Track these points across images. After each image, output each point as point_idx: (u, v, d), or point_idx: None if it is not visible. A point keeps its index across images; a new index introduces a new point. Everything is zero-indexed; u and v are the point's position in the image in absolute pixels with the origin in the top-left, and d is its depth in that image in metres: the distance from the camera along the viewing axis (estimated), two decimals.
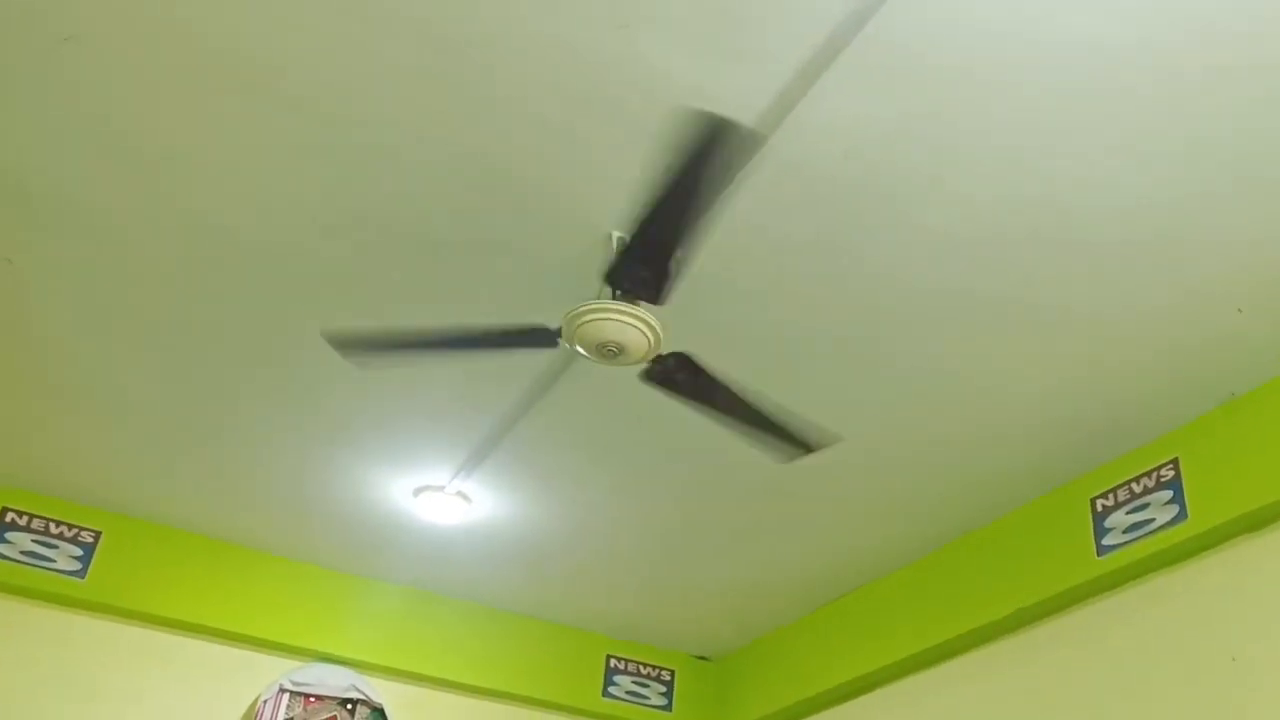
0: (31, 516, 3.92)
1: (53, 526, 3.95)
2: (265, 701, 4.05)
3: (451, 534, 4.01)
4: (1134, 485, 3.17)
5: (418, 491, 3.73)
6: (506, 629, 4.58)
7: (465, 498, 3.73)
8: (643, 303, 2.38)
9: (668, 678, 4.82)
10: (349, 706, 4.18)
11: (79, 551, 3.95)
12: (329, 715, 4.13)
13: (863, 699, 4.11)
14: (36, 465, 3.81)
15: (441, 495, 3.72)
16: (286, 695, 4.09)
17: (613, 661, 4.74)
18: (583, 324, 2.41)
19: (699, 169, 2.05)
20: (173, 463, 3.74)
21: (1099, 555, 3.21)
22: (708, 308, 2.76)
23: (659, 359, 2.54)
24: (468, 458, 3.52)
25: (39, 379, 3.33)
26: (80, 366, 3.26)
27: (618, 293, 2.40)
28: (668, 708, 4.76)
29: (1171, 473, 3.07)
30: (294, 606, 4.24)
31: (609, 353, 2.46)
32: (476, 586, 4.42)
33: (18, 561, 3.85)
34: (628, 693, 4.71)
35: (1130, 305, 2.67)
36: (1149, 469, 3.13)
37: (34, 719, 3.72)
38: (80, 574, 3.92)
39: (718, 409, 2.71)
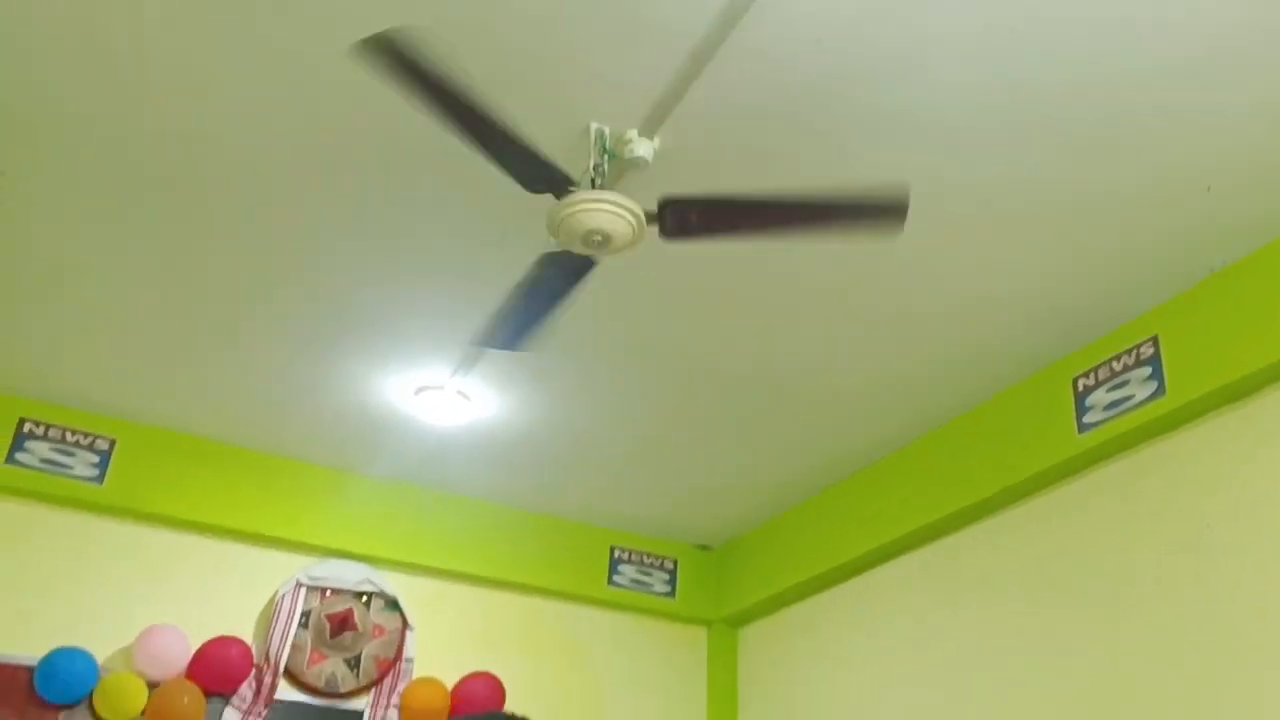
0: (48, 426, 4.05)
1: (69, 435, 4.07)
2: (283, 595, 4.22)
3: (454, 433, 4.12)
4: (1114, 364, 3.25)
5: (419, 391, 3.83)
6: (512, 524, 4.72)
7: (465, 396, 3.84)
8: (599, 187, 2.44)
9: (670, 566, 4.98)
10: (364, 598, 4.35)
11: (96, 458, 4.09)
12: (345, 607, 4.30)
13: (856, 579, 4.27)
14: (49, 377, 3.93)
15: (442, 394, 3.82)
16: (304, 589, 4.26)
17: (617, 552, 4.90)
18: (566, 217, 2.47)
19: None
20: (180, 370, 3.85)
21: (1080, 433, 3.30)
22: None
23: (658, 214, 2.50)
24: (465, 356, 3.60)
25: (45, 293, 3.42)
26: (83, 280, 3.34)
27: (597, 181, 2.45)
28: (671, 595, 4.93)
29: (1151, 350, 3.15)
30: (306, 506, 4.38)
31: (595, 242, 2.52)
32: (481, 484, 4.56)
33: (38, 469, 3.98)
34: (632, 581, 4.88)
35: (1104, 190, 2.73)
36: (1129, 347, 3.21)
37: (60, 621, 3.89)
38: (98, 480, 4.06)
39: (756, 226, 2.57)
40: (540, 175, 2.43)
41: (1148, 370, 3.13)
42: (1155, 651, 3.00)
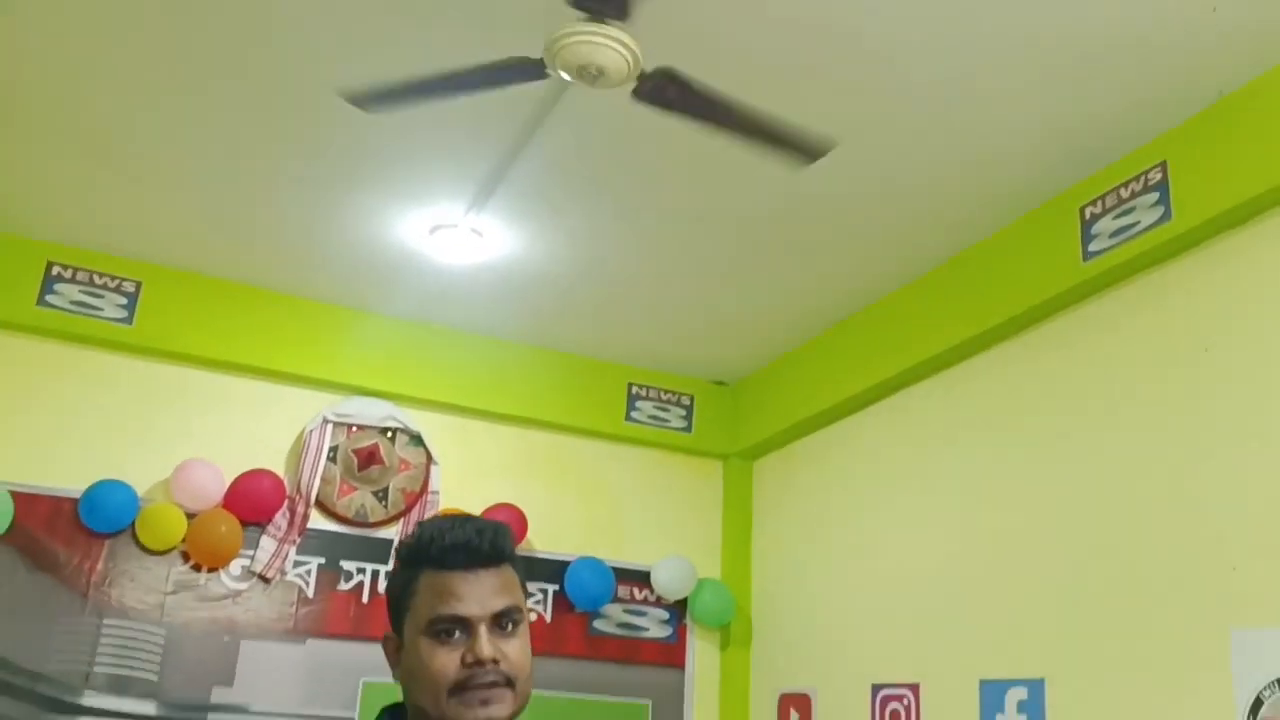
0: (75, 269, 4.15)
1: (96, 278, 4.18)
2: (311, 432, 4.38)
3: (470, 271, 4.19)
4: (1122, 191, 3.24)
5: (433, 230, 3.89)
6: (531, 361, 4.84)
7: (478, 234, 3.89)
8: (610, 21, 2.43)
9: (687, 402, 5.10)
10: (388, 434, 4.51)
11: (123, 300, 4.20)
12: (371, 442, 4.46)
13: (865, 411, 4.38)
14: (74, 222, 4.01)
15: (456, 232, 3.88)
16: (330, 425, 4.42)
17: (634, 389, 5.02)
18: (560, 50, 2.48)
19: None
20: (200, 214, 3.91)
21: (1085, 261, 3.33)
22: (682, 19, 2.74)
23: (645, 77, 2.62)
24: (478, 192, 3.64)
25: (69, 140, 3.46)
26: (104, 125, 3.38)
27: (583, 15, 2.45)
28: (688, 429, 5.07)
29: (1159, 175, 3.14)
30: (329, 345, 4.51)
31: (591, 75, 2.54)
32: (499, 322, 4.66)
33: (68, 311, 4.10)
34: (650, 417, 5.01)
35: (1113, 16, 2.68)
36: (1137, 174, 3.20)
37: (100, 456, 4.06)
38: (127, 320, 4.18)
39: (712, 121, 2.76)
40: None
41: (1155, 196, 3.13)
42: (1153, 472, 3.08)
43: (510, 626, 1.47)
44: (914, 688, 3.83)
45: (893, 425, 4.24)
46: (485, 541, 1.47)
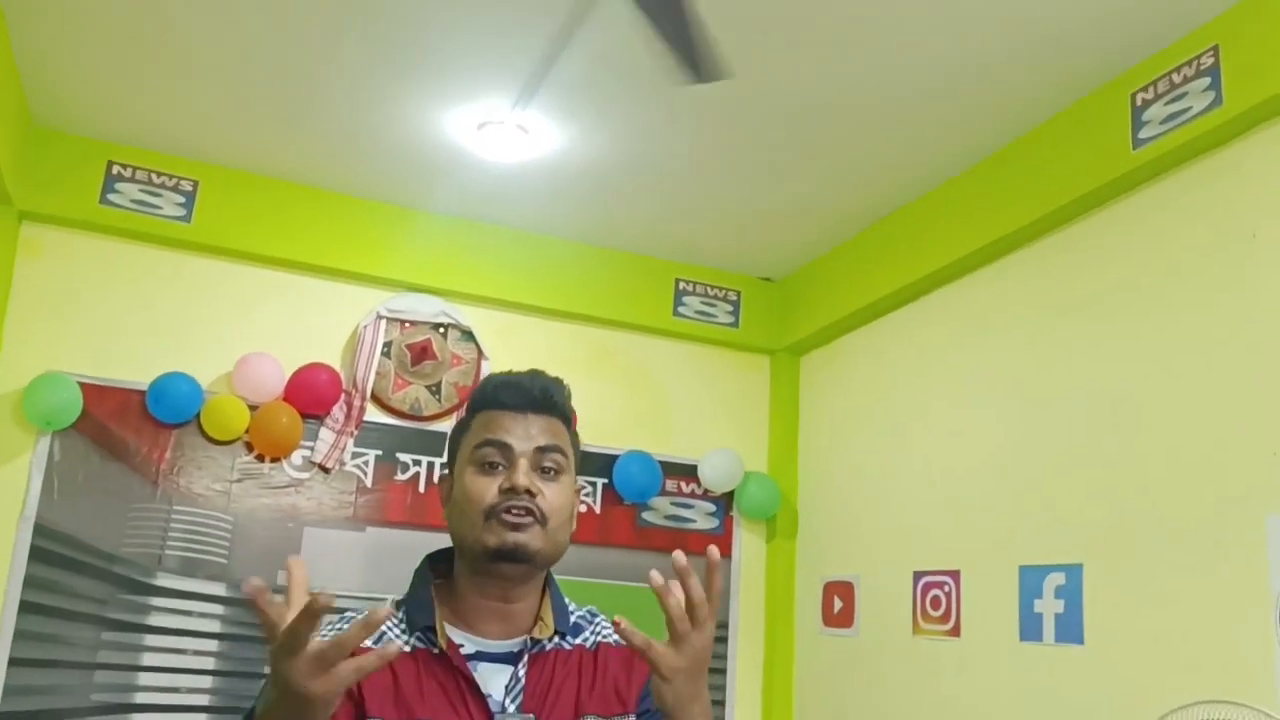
0: (135, 169, 4.25)
1: (154, 177, 4.28)
2: (365, 327, 4.50)
3: (517, 168, 4.22)
4: (1173, 76, 3.19)
5: (480, 126, 3.92)
6: (578, 257, 4.89)
7: (524, 130, 3.92)
8: None
9: (734, 298, 5.14)
10: (440, 329, 4.61)
11: (182, 199, 4.30)
12: (424, 337, 4.57)
13: (914, 304, 4.38)
14: (134, 122, 4.10)
15: (502, 129, 3.90)
16: (383, 321, 4.53)
17: (681, 284, 5.06)
18: None
19: None
20: (253, 113, 3.97)
21: (1135, 149, 3.28)
22: None
23: None
24: (523, 88, 3.66)
25: (127, 40, 3.53)
26: (161, 26, 3.43)
27: None
28: (734, 325, 5.12)
29: (1211, 60, 3.08)
30: (380, 242, 4.59)
31: None
32: (546, 219, 4.70)
33: (128, 209, 4.22)
34: (697, 312, 5.06)
35: None
36: (1188, 59, 3.14)
37: (164, 350, 4.21)
38: (186, 219, 4.29)
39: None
40: None
41: (1206, 80, 3.07)
42: (1194, 359, 3.09)
43: (552, 472, 1.55)
44: (954, 574, 3.91)
45: (938, 319, 4.25)
46: (536, 387, 1.57)
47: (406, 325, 4.57)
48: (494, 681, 1.49)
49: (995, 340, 3.91)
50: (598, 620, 1.67)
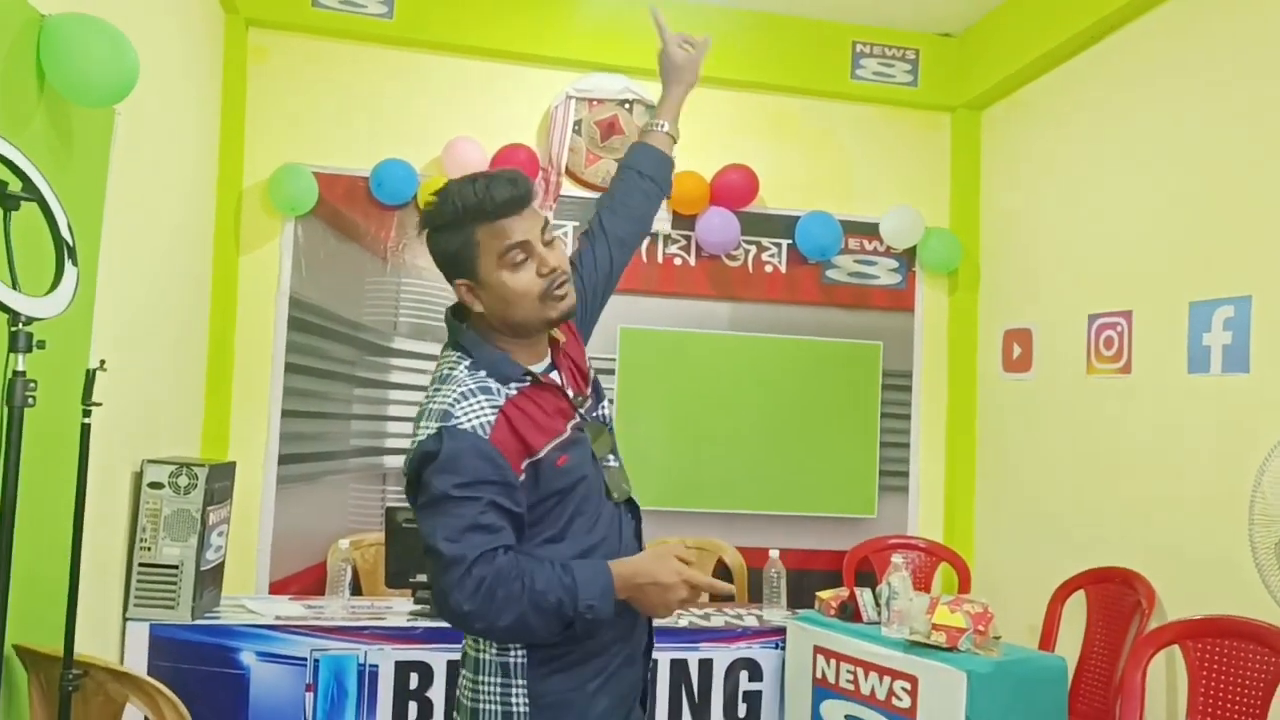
0: None
1: None
2: (557, 107, 4.80)
3: None
4: None
5: None
6: (756, 26, 4.98)
7: None
8: None
9: (912, 56, 5.15)
10: (626, 105, 4.87)
11: None
12: (611, 114, 4.84)
13: (1091, 51, 4.32)
14: None
15: None
16: (573, 100, 4.82)
17: (858, 46, 5.09)
18: None
19: None
20: None
21: None
22: None
23: None
24: None
25: None
26: None
27: None
28: (913, 84, 5.15)
29: None
30: (565, 26, 4.83)
31: None
32: None
33: (337, 10, 4.59)
34: (875, 74, 5.11)
35: None
36: None
37: (381, 140, 4.66)
38: (388, 15, 4.65)
39: None
40: None
41: None
42: None
43: (551, 241, 1.91)
44: (1127, 315, 4.02)
45: (1115, 66, 4.19)
46: (522, 189, 1.88)
47: (594, 103, 4.84)
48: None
49: (1169, 80, 3.86)
50: None
